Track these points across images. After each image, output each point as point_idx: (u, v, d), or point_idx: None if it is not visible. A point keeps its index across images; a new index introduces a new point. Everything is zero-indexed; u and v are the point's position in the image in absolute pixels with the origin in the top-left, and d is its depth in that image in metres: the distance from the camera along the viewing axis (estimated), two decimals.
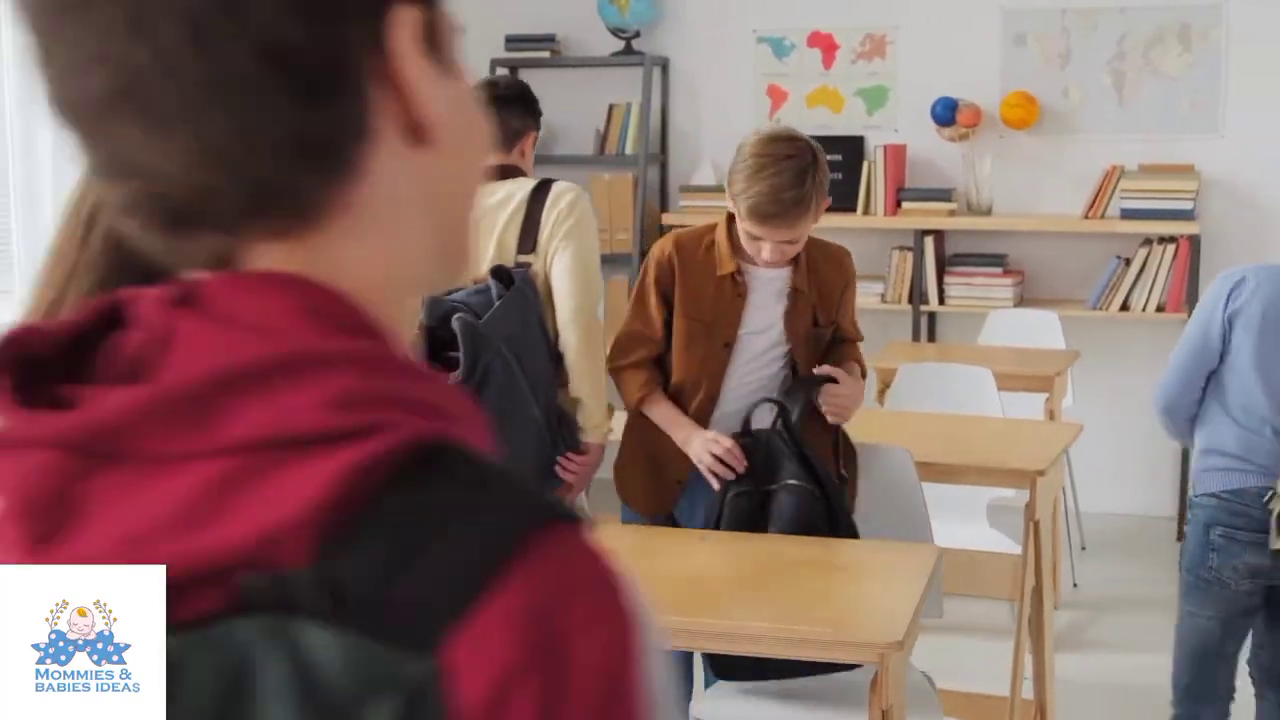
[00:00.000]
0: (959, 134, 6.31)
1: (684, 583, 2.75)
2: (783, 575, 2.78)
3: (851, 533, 3.14)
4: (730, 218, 3.23)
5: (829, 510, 3.10)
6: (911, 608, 2.58)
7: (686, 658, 3.18)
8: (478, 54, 6.91)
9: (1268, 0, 6.05)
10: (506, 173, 3.51)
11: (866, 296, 6.40)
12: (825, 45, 6.64)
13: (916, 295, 6.32)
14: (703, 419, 3.24)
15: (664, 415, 3.23)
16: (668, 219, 6.64)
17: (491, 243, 3.40)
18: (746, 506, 3.04)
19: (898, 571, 2.79)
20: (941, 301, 6.31)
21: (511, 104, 3.69)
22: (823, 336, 3.42)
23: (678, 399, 3.27)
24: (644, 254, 6.52)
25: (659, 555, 2.90)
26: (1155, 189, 5.99)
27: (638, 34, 6.75)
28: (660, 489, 3.25)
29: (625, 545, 2.97)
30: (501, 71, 6.88)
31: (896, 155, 6.40)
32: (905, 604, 2.60)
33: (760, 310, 3.29)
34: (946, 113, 6.29)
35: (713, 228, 3.31)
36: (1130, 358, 6.08)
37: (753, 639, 2.52)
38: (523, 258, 3.36)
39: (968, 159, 6.35)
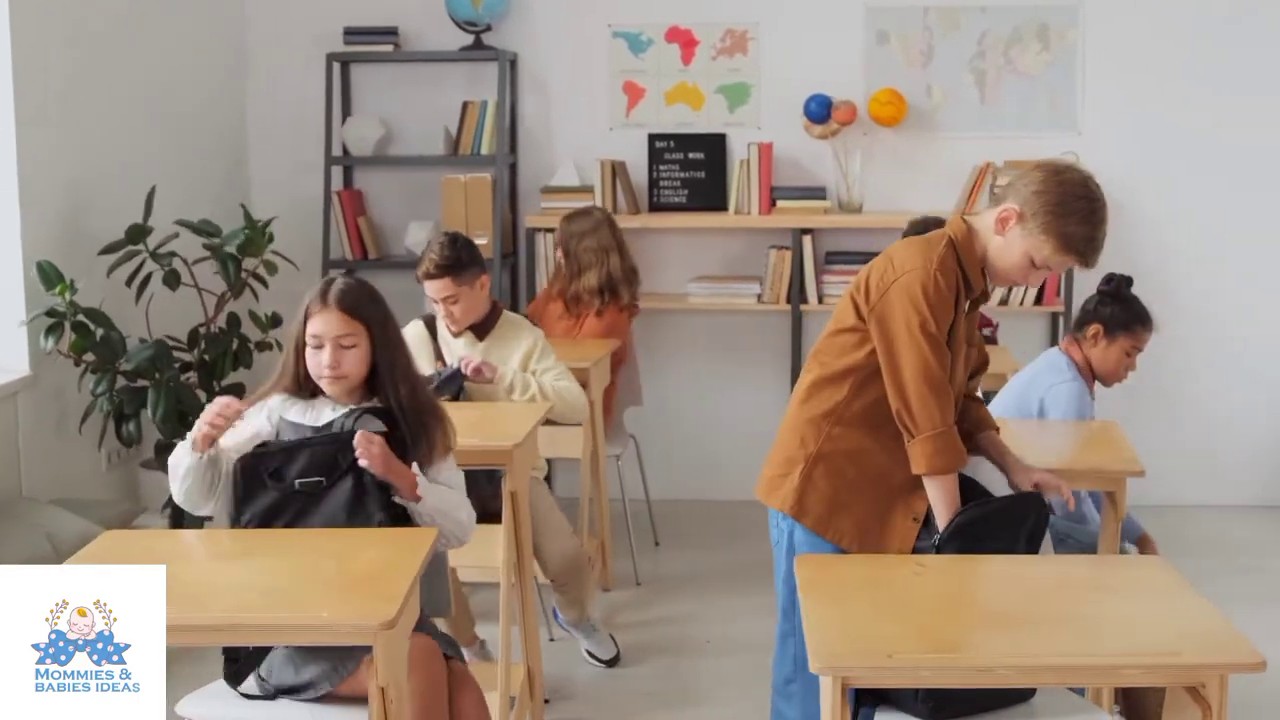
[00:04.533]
0: (830, 131, 6.27)
1: (965, 612, 2.56)
2: (1057, 599, 2.62)
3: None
4: (955, 239, 3.07)
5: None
6: (1226, 622, 2.49)
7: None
8: (313, 48, 6.44)
9: (1122, 2, 6.27)
10: None
11: (742, 298, 6.32)
12: (684, 41, 6.48)
13: (795, 295, 6.24)
14: None
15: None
16: (532, 221, 6.34)
17: None
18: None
19: (1162, 586, 2.68)
20: (820, 301, 6.25)
21: None
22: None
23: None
24: (504, 257, 6.25)
25: (895, 588, 2.69)
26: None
27: (488, 28, 6.41)
28: (890, 526, 3.02)
29: (842, 579, 2.75)
30: (336, 66, 6.42)
31: (767, 153, 6.30)
32: (1213, 618, 2.51)
33: None
34: (821, 110, 6.24)
35: (935, 245, 3.08)
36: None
37: (1105, 670, 2.36)
38: None
39: (838, 157, 6.32)
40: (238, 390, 5.38)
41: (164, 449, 5.12)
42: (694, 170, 6.44)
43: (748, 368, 6.58)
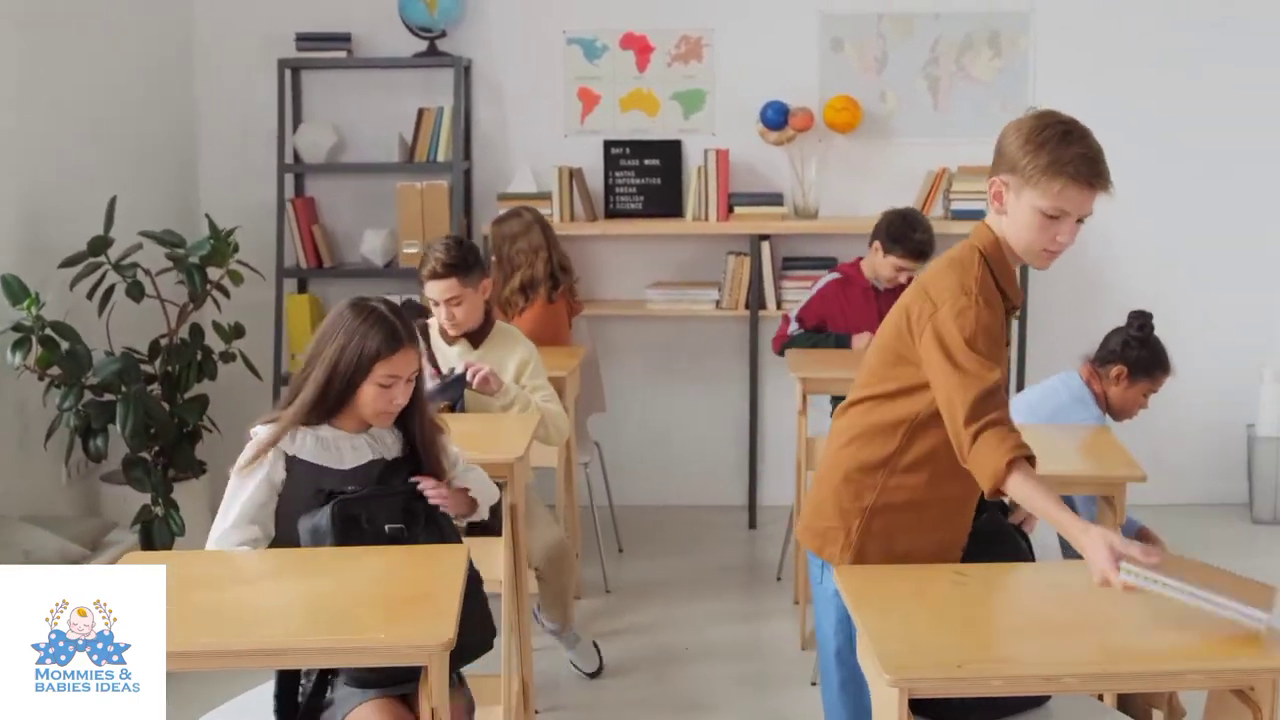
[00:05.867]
0: (786, 138, 6.31)
1: (1015, 620, 2.59)
2: (1098, 605, 2.63)
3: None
4: (984, 250, 2.90)
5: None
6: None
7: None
8: (265, 54, 6.36)
9: (1071, 9, 6.38)
10: None
11: (701, 304, 6.34)
12: (639, 47, 6.48)
13: (754, 301, 6.27)
14: None
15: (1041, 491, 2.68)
16: (488, 228, 6.29)
17: None
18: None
19: None
20: (779, 306, 6.29)
21: None
22: None
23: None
24: None
25: (941, 598, 2.71)
26: (984, 190, 6.14)
27: (443, 34, 6.36)
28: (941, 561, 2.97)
29: (887, 591, 2.76)
30: (288, 72, 6.33)
31: (724, 160, 6.32)
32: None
33: None
34: (778, 116, 6.28)
35: (968, 266, 2.89)
36: None
37: (1168, 677, 2.41)
38: None
39: (793, 163, 6.36)
40: (202, 403, 5.31)
41: (132, 463, 5.03)
42: (650, 177, 6.45)
43: (707, 373, 6.60)
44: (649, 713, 4.48)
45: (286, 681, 2.97)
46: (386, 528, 3.05)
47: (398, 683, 2.91)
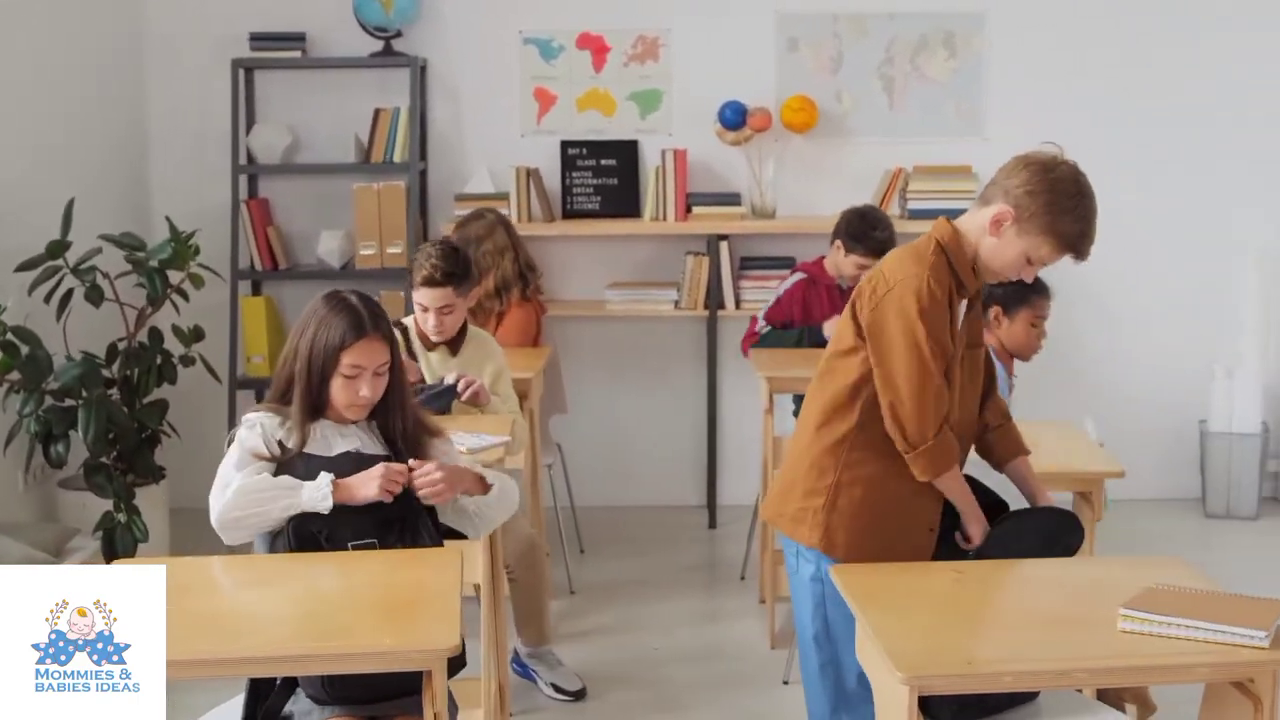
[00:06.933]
0: (743, 137, 6.32)
1: (1016, 617, 2.61)
2: (1097, 601, 2.66)
3: None
4: (943, 242, 3.09)
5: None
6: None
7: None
8: (218, 54, 6.29)
9: (1025, 11, 6.43)
10: None
11: (660, 304, 6.34)
12: (596, 47, 6.47)
13: (713, 301, 6.28)
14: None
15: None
16: (445, 229, 6.26)
17: None
18: None
19: (1189, 584, 2.76)
20: (738, 306, 6.30)
21: None
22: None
23: None
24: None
25: (940, 595, 2.73)
26: (940, 189, 6.24)
27: (399, 34, 6.32)
28: (911, 540, 3.03)
29: (885, 588, 2.78)
30: (241, 72, 6.26)
31: (682, 160, 6.33)
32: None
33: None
34: (736, 116, 6.28)
35: (924, 252, 3.10)
36: None
37: (1175, 670, 2.44)
38: None
39: (751, 163, 6.37)
40: (162, 407, 5.24)
41: (93, 469, 4.96)
42: (607, 177, 6.44)
43: (666, 373, 6.60)
44: (624, 714, 4.47)
45: (258, 688, 2.94)
46: (350, 545, 3.00)
47: (360, 702, 2.87)
